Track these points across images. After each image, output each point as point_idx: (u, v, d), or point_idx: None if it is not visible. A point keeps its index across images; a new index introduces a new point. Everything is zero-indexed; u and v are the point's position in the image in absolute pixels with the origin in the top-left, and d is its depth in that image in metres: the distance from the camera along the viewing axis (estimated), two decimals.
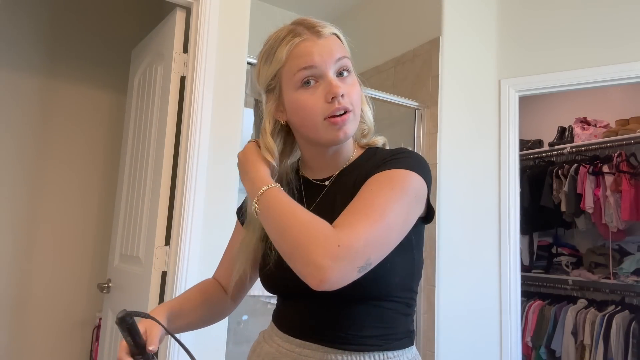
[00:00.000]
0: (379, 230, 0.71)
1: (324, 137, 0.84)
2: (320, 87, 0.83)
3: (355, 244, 0.68)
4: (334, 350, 0.83)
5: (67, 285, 2.66)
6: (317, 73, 0.83)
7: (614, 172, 3.21)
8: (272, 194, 0.78)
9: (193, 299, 0.99)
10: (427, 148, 2.34)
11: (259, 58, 0.91)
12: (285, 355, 0.87)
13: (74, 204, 2.71)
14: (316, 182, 0.94)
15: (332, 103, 0.82)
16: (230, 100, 1.92)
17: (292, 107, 0.86)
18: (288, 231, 0.71)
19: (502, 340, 2.33)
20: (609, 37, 2.30)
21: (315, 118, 0.83)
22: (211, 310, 1.02)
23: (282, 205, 0.76)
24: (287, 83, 0.85)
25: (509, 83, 2.48)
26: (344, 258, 0.67)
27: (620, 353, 2.95)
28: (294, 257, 0.70)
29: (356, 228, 0.69)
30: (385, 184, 0.77)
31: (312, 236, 0.68)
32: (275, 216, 0.75)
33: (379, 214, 0.72)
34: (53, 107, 2.70)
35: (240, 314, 2.68)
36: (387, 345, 0.84)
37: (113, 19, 2.88)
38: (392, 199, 0.75)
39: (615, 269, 3.26)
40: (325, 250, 0.66)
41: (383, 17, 2.73)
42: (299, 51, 0.83)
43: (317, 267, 0.66)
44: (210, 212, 1.84)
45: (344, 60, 0.85)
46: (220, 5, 1.93)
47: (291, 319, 0.90)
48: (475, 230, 2.34)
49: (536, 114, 4.05)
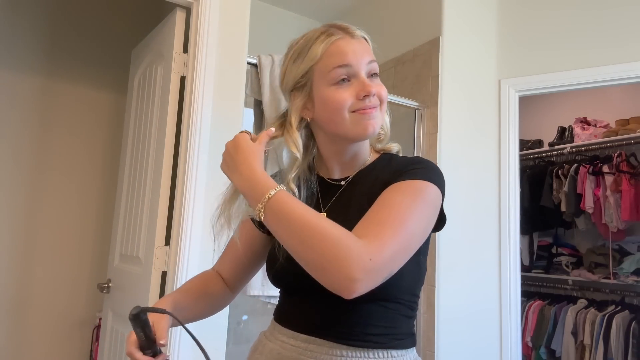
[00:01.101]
0: (403, 241, 0.75)
1: (351, 131, 0.87)
2: (352, 85, 0.86)
3: (385, 256, 0.72)
4: (340, 345, 0.84)
5: (67, 285, 2.65)
6: (351, 72, 0.86)
7: (614, 172, 3.21)
8: (281, 199, 0.76)
9: (195, 292, 0.99)
10: (427, 148, 2.34)
11: (285, 59, 0.93)
12: (290, 351, 0.88)
13: (74, 204, 2.71)
14: (331, 181, 0.96)
15: (362, 101, 0.86)
16: (230, 100, 1.92)
17: (323, 102, 0.88)
18: (312, 243, 0.72)
19: (502, 340, 2.33)
20: (609, 37, 2.30)
21: (343, 112, 0.86)
22: (212, 303, 1.03)
23: (296, 213, 0.74)
24: (320, 79, 0.88)
25: (509, 83, 2.48)
26: (375, 270, 0.70)
27: (620, 353, 2.95)
28: (325, 270, 0.71)
29: (383, 240, 0.72)
30: (407, 194, 0.80)
31: (343, 250, 0.70)
32: (292, 226, 0.74)
33: (402, 225, 0.75)
34: (53, 108, 2.70)
35: (240, 314, 2.68)
36: (391, 344, 0.86)
37: (113, 19, 2.88)
38: (413, 210, 0.78)
39: (615, 269, 3.26)
40: (359, 265, 0.69)
41: (383, 17, 2.73)
42: (335, 49, 0.87)
43: (352, 281, 0.69)
44: (210, 212, 1.83)
45: (374, 64, 0.90)
46: (220, 5, 1.93)
47: (297, 316, 0.91)
48: (475, 230, 2.34)
49: (536, 114, 4.05)
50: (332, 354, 0.84)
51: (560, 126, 3.82)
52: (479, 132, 2.43)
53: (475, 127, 2.43)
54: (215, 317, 1.80)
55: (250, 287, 1.94)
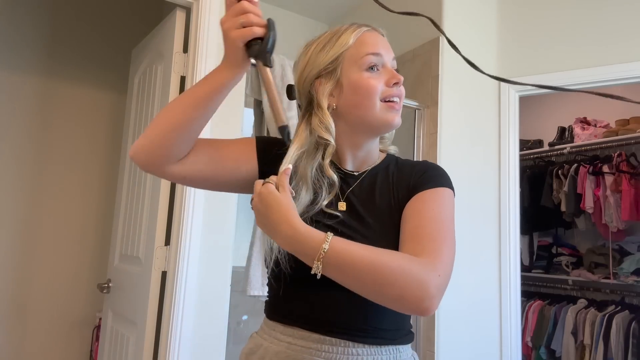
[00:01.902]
0: (453, 249, 0.83)
1: (380, 118, 0.90)
2: (382, 74, 0.90)
3: (448, 269, 0.79)
4: (354, 344, 0.84)
5: (67, 285, 2.66)
6: (380, 61, 0.90)
7: (614, 172, 3.21)
8: (337, 249, 0.73)
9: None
10: (427, 148, 2.34)
11: (308, 52, 0.94)
12: (301, 352, 0.84)
13: (74, 204, 2.71)
14: (347, 171, 0.96)
15: (392, 88, 0.90)
16: (230, 100, 1.91)
17: (353, 86, 0.89)
18: (383, 281, 0.73)
19: (502, 340, 2.32)
20: (609, 37, 2.30)
21: (374, 97, 0.88)
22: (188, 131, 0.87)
23: (356, 258, 0.73)
24: (350, 65, 0.90)
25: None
26: (444, 284, 0.77)
27: (620, 353, 2.95)
28: (404, 300, 0.74)
29: (442, 254, 0.79)
30: (439, 204, 0.87)
31: (414, 277, 0.74)
32: (357, 272, 0.73)
33: (448, 235, 0.83)
34: (53, 107, 2.70)
35: (240, 314, 2.68)
36: (399, 340, 0.88)
37: (113, 19, 2.88)
38: (448, 219, 0.86)
39: (615, 269, 3.26)
40: (432, 284, 0.74)
41: (383, 17, 2.72)
42: (366, 38, 0.91)
43: (430, 301, 0.74)
44: (210, 212, 1.84)
45: (395, 62, 0.95)
46: (221, 5, 1.93)
47: (307, 312, 0.86)
48: (475, 230, 2.34)
49: (536, 114, 4.05)
50: (349, 354, 0.83)
51: (560, 126, 3.82)
52: (479, 132, 2.43)
53: (475, 127, 2.43)
54: (215, 317, 1.81)
55: (250, 287, 1.94)
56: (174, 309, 1.74)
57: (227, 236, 1.88)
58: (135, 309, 1.94)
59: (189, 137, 0.86)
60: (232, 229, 1.89)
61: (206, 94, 0.83)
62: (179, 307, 1.75)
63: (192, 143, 0.88)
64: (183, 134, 0.84)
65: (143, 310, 1.85)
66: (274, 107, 0.80)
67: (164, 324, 1.77)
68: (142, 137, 0.85)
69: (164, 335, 1.76)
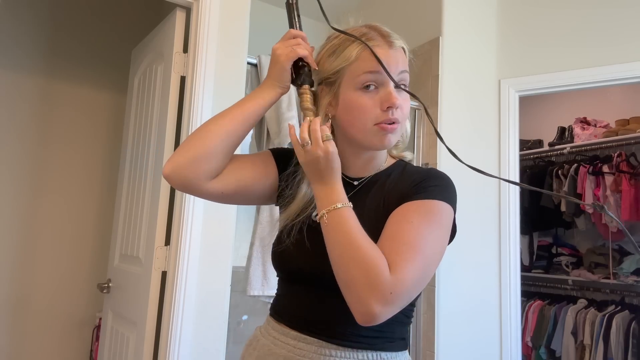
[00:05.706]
0: (423, 271, 0.77)
1: (368, 141, 0.88)
2: (378, 94, 0.87)
3: (405, 290, 0.74)
4: (329, 345, 0.84)
5: (67, 285, 2.66)
6: (379, 80, 0.87)
7: (614, 172, 3.22)
8: (345, 214, 0.79)
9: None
10: (427, 148, 2.34)
11: (322, 49, 0.94)
12: (280, 348, 0.88)
13: (74, 204, 2.71)
14: (346, 178, 0.94)
15: (386, 112, 0.86)
16: (230, 100, 1.89)
17: (346, 106, 0.88)
18: (349, 261, 0.75)
19: (502, 340, 2.33)
20: (609, 37, 2.30)
21: (366, 122, 0.86)
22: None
23: (349, 230, 0.77)
24: (348, 81, 0.88)
25: (509, 83, 2.48)
26: (394, 304, 0.73)
27: (620, 353, 2.95)
28: (349, 290, 0.75)
29: (404, 272, 0.73)
30: (422, 217, 0.81)
31: (370, 278, 0.72)
32: (341, 239, 0.77)
33: (421, 253, 0.77)
34: (53, 107, 2.70)
35: (240, 314, 2.68)
36: (381, 346, 0.86)
37: (113, 19, 2.88)
38: (430, 235, 0.80)
39: (615, 269, 3.26)
40: (378, 297, 0.72)
41: (383, 18, 2.72)
42: (369, 55, 0.86)
43: (369, 310, 0.72)
44: (210, 212, 1.84)
45: (405, 74, 0.92)
46: (220, 5, 1.93)
47: (291, 310, 0.91)
48: (475, 230, 2.34)
49: (536, 114, 4.05)
50: (321, 354, 0.84)
51: (560, 126, 3.82)
52: (479, 132, 2.43)
53: (475, 127, 2.43)
54: (215, 317, 1.81)
55: (250, 287, 1.94)
56: (174, 309, 1.74)
57: (227, 236, 1.88)
58: (135, 309, 1.94)
59: (232, 151, 0.91)
60: (232, 229, 1.89)
61: (254, 109, 0.91)
62: (179, 307, 1.75)
63: (229, 157, 0.92)
64: (230, 147, 0.89)
65: (143, 310, 1.85)
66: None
67: (164, 324, 1.77)
68: (181, 154, 0.88)
69: (164, 335, 1.76)
